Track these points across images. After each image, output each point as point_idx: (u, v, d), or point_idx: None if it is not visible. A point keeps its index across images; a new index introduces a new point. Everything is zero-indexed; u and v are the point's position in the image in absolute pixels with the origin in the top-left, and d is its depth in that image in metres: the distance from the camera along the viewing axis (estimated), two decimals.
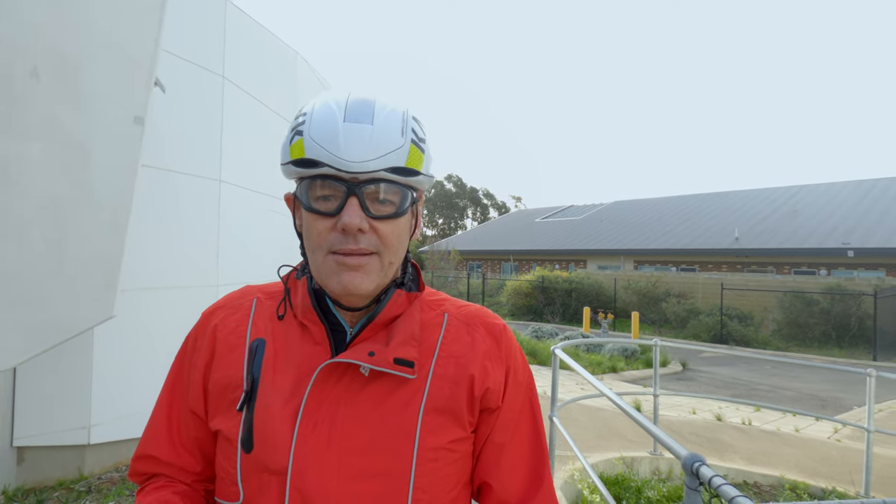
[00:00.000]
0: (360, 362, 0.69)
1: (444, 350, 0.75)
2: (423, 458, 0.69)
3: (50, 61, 2.30)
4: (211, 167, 4.29)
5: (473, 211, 54.52)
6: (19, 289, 2.24)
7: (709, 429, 5.58)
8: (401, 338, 0.72)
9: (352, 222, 0.66)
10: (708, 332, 15.05)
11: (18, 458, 3.24)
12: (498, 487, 0.76)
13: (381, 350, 0.70)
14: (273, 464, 0.67)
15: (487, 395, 0.74)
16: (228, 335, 0.77)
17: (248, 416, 0.70)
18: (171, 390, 0.81)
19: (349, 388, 0.70)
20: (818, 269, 18.55)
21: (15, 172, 2.24)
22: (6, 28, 2.20)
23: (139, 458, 0.80)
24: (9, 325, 2.22)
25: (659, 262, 22.15)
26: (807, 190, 25.05)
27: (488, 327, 0.79)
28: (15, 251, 2.23)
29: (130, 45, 2.51)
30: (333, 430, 0.68)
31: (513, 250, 27.36)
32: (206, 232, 4.23)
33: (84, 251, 2.41)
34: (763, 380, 9.85)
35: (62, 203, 2.36)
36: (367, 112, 0.68)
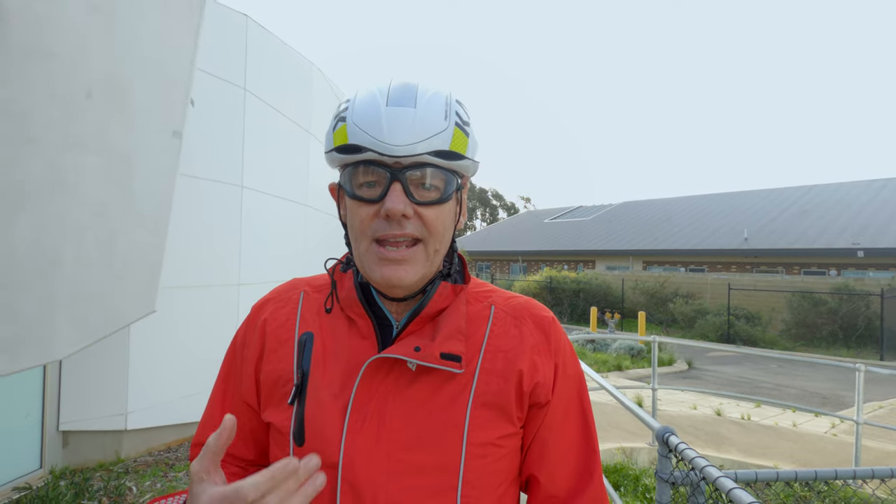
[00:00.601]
0: (407, 358, 0.68)
1: (492, 344, 0.74)
2: (472, 454, 0.69)
3: (102, 83, 2.59)
4: (234, 174, 4.59)
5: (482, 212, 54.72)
6: (76, 287, 2.53)
7: (708, 423, 5.78)
8: (447, 332, 0.72)
9: (395, 208, 0.66)
10: (715, 331, 15.14)
11: (64, 441, 3.54)
12: (546, 481, 0.75)
13: (427, 345, 0.70)
14: (324, 457, 0.68)
15: (536, 391, 0.73)
16: (278, 329, 0.78)
17: (299, 409, 0.71)
18: (223, 382, 0.83)
19: (397, 382, 0.70)
20: (828, 269, 18.54)
21: (72, 182, 2.53)
22: (66, 56, 2.49)
23: (196, 446, 0.83)
24: (67, 320, 2.51)
25: (668, 263, 22.21)
26: (817, 190, 24.96)
27: (536, 320, 0.78)
28: (73, 253, 2.52)
29: (170, 67, 2.80)
30: (382, 425, 0.69)
31: (521, 251, 27.53)
32: (229, 234, 4.53)
33: (130, 252, 2.70)
34: (768, 378, 9.98)
35: (111, 209, 2.65)
36: (410, 96, 0.68)
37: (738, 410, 6.53)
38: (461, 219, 0.77)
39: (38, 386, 3.42)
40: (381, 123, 0.65)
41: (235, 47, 4.62)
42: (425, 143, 0.66)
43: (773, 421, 6.12)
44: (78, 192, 2.53)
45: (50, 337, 2.44)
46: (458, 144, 0.69)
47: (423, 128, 0.66)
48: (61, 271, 2.49)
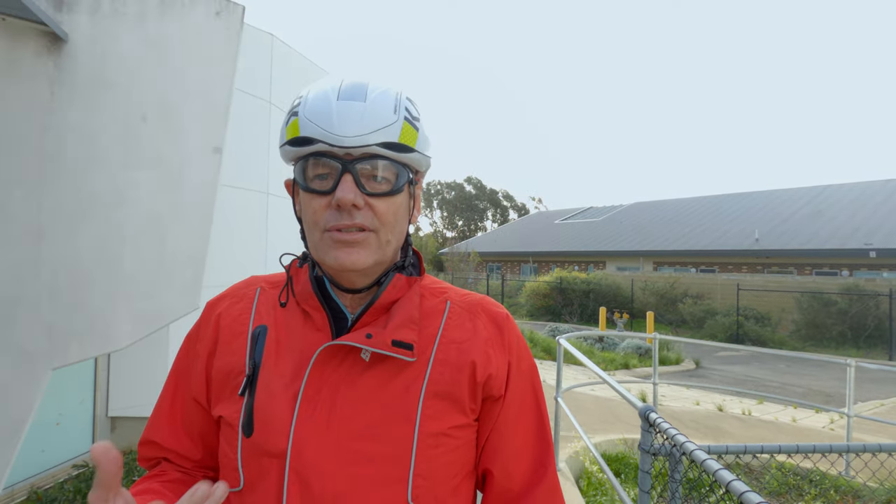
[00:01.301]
0: (358, 344, 0.69)
1: (446, 336, 0.75)
2: (424, 444, 0.69)
3: (155, 108, 2.95)
4: (260, 182, 4.94)
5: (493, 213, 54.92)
6: (134, 285, 2.88)
7: (709, 418, 6.02)
8: (399, 320, 0.73)
9: (345, 197, 0.67)
10: (724, 332, 15.26)
11: (112, 426, 3.91)
12: (500, 475, 0.76)
13: (379, 332, 0.70)
14: (272, 446, 0.68)
15: (490, 383, 0.74)
16: (231, 323, 0.78)
17: (248, 400, 0.70)
18: (175, 378, 0.83)
19: (350, 371, 0.71)
20: (840, 270, 18.54)
21: (130, 195, 2.89)
22: (125, 84, 2.85)
23: (143, 444, 0.82)
24: (126, 314, 2.86)
25: (678, 264, 22.30)
26: (831, 190, 24.86)
27: (491, 315, 0.79)
28: (130, 257, 2.88)
29: (212, 90, 3.14)
30: (333, 414, 0.69)
31: (532, 252, 27.73)
32: (256, 237, 4.88)
33: (178, 254, 3.05)
34: (775, 377, 10.14)
35: (162, 218, 3.01)
36: (361, 91, 0.70)
37: (741, 406, 6.75)
38: (415, 212, 0.78)
39: (91, 376, 3.80)
40: (331, 116, 0.67)
41: (262, 64, 4.97)
42: (374, 134, 0.68)
43: (773, 416, 6.33)
44: (134, 204, 2.89)
45: (112, 329, 2.80)
46: (407, 137, 0.70)
47: (371, 120, 0.68)
48: (121, 272, 2.85)
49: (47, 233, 2.66)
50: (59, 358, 2.66)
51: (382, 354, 0.70)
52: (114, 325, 2.80)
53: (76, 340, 2.70)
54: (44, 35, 2.61)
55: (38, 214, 2.64)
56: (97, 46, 2.75)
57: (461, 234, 51.89)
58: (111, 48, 2.78)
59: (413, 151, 0.72)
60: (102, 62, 2.76)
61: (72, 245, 2.71)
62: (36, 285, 2.62)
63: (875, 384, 9.21)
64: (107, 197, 2.79)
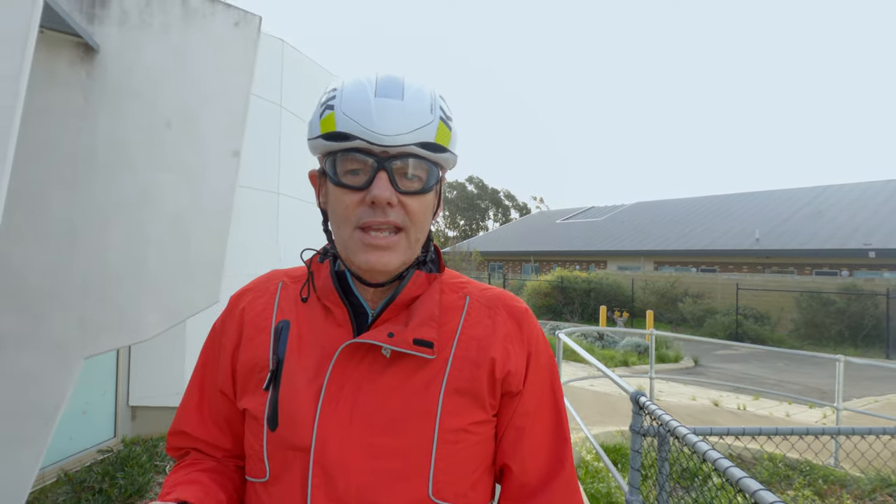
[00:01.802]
0: (380, 343, 0.70)
1: (466, 332, 0.76)
2: (444, 440, 0.70)
3: (177, 114, 3.13)
4: (271, 182, 5.13)
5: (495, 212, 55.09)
6: (158, 280, 3.07)
7: (705, 412, 6.19)
8: (420, 318, 0.73)
9: (381, 195, 0.67)
10: (724, 331, 15.42)
11: (132, 415, 4.11)
12: (518, 470, 0.77)
13: (400, 331, 0.71)
14: (297, 440, 0.70)
15: (509, 379, 0.75)
16: (255, 318, 0.79)
17: (273, 394, 0.72)
18: (201, 370, 0.85)
19: (371, 368, 0.72)
20: (840, 270, 18.68)
21: (154, 197, 3.08)
22: (150, 93, 3.04)
23: (173, 434, 0.85)
24: (151, 307, 3.05)
25: (679, 263, 22.45)
26: (831, 190, 24.97)
27: (510, 310, 0.80)
28: (155, 253, 3.07)
29: (231, 97, 3.33)
30: (355, 409, 0.70)
31: (533, 251, 27.90)
32: (268, 234, 5.07)
33: (200, 252, 3.24)
34: (772, 375, 10.30)
35: (184, 218, 3.19)
36: (398, 88, 0.69)
37: (737, 402, 6.93)
38: (438, 210, 0.79)
39: (112, 367, 3.99)
40: (370, 113, 0.67)
41: (272, 68, 5.16)
42: (412, 133, 0.68)
43: (768, 412, 6.50)
44: (159, 204, 3.08)
45: (138, 321, 2.99)
46: (442, 137, 0.71)
47: (410, 119, 0.68)
48: (146, 268, 3.04)
49: (80, 231, 2.85)
50: (90, 347, 2.85)
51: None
52: (140, 317, 3.00)
53: (106, 331, 2.89)
54: (77, 46, 2.80)
55: (71, 214, 2.83)
56: (125, 56, 2.94)
57: (463, 233, 52.08)
58: (137, 58, 2.97)
59: (447, 151, 0.73)
60: (129, 71, 2.95)
61: (102, 243, 2.90)
62: (69, 280, 2.81)
63: (872, 382, 9.37)
64: (133, 198, 2.98)
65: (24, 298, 2.66)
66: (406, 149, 0.69)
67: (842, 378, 4.77)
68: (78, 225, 2.85)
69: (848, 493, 4.12)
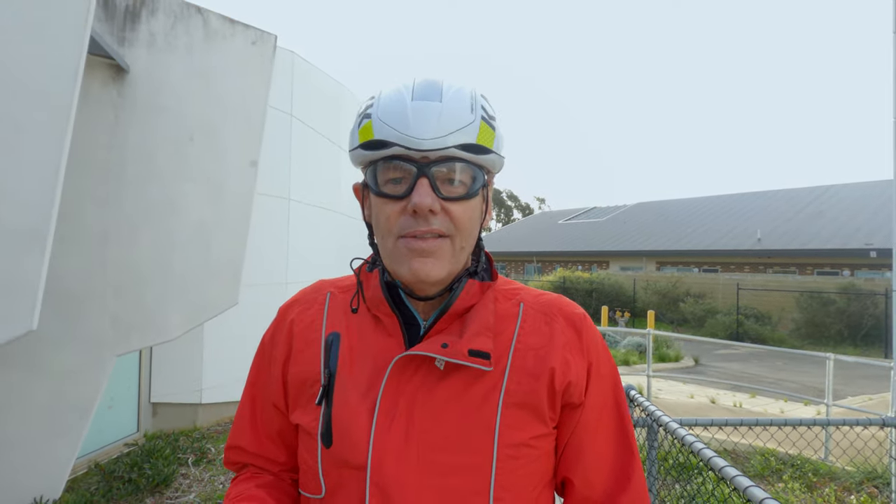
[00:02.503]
0: (434, 354, 0.67)
1: (522, 342, 0.73)
2: (504, 455, 0.67)
3: (200, 128, 3.35)
4: (282, 188, 5.35)
5: (497, 213, 55.28)
6: (184, 283, 3.29)
7: (701, 409, 6.38)
8: (475, 329, 0.70)
9: (422, 202, 0.65)
10: (724, 330, 15.57)
11: (154, 411, 4.33)
12: (581, 484, 0.74)
13: (454, 342, 0.69)
14: (352, 459, 0.68)
15: (569, 390, 0.72)
16: (304, 330, 0.77)
17: (326, 410, 0.70)
18: (253, 385, 0.83)
19: (425, 381, 0.69)
20: (841, 270, 18.79)
21: (179, 205, 3.30)
22: (175, 108, 3.25)
23: (229, 449, 0.84)
24: (177, 309, 3.27)
25: (681, 264, 22.58)
26: (834, 190, 25.03)
27: (568, 317, 0.76)
28: (181, 258, 3.29)
29: (249, 111, 3.54)
30: (411, 425, 0.68)
31: (536, 252, 28.05)
32: (279, 239, 5.29)
33: (221, 256, 3.46)
34: (770, 374, 10.47)
35: (207, 225, 3.41)
36: (436, 91, 0.67)
37: (733, 400, 7.11)
38: (487, 216, 0.76)
39: (136, 366, 4.22)
40: (406, 118, 0.65)
41: (283, 80, 5.37)
42: (452, 136, 0.65)
43: (762, 409, 6.68)
44: (183, 213, 3.30)
45: (165, 322, 3.21)
46: (484, 138, 0.68)
47: (449, 121, 0.65)
48: (172, 272, 3.26)
49: (111, 238, 3.07)
50: (121, 346, 3.08)
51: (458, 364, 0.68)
52: (167, 318, 3.22)
53: (136, 331, 3.12)
54: (109, 67, 3.02)
55: (104, 222, 3.06)
56: (153, 76, 3.17)
57: None
58: (164, 77, 3.19)
59: (490, 153, 0.70)
60: (157, 89, 3.18)
61: (132, 249, 3.13)
62: (103, 283, 3.03)
63: (869, 381, 9.53)
64: (161, 207, 3.20)
65: (63, 301, 2.89)
66: (447, 152, 0.66)
67: (832, 376, 4.95)
68: (110, 232, 3.08)
69: (837, 485, 4.31)
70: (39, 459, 2.89)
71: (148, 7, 3.12)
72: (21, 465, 2.86)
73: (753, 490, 1.43)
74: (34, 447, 2.87)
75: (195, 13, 3.28)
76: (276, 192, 5.26)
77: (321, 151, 6.05)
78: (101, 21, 2.99)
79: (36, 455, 2.87)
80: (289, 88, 5.40)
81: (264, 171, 5.13)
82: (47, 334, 2.80)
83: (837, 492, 4.17)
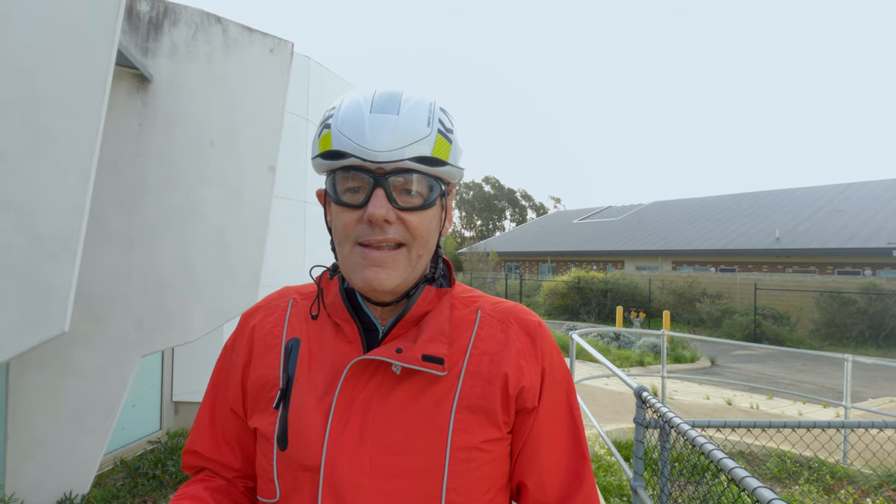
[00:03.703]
0: (389, 359, 0.69)
1: (477, 347, 0.74)
2: (456, 458, 0.69)
3: (220, 134, 3.44)
4: (298, 191, 5.44)
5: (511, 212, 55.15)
6: (204, 286, 3.38)
7: (717, 410, 6.34)
8: (429, 334, 0.72)
9: (377, 213, 0.66)
10: (742, 331, 15.38)
11: (175, 409, 4.45)
12: (534, 488, 0.75)
13: (409, 347, 0.70)
14: (306, 460, 0.69)
15: (523, 395, 0.73)
16: (265, 335, 0.79)
17: (283, 414, 0.71)
18: (213, 389, 0.84)
19: (381, 385, 0.71)
20: (863, 269, 18.44)
21: (200, 209, 3.39)
22: (195, 115, 3.35)
23: (186, 453, 0.85)
24: (198, 310, 3.36)
25: (697, 263, 22.34)
26: (855, 188, 24.55)
27: (523, 324, 0.78)
28: (201, 260, 3.38)
29: (267, 117, 3.63)
30: (365, 428, 0.69)
31: (550, 251, 27.96)
32: (296, 241, 5.39)
33: (240, 258, 3.55)
34: (788, 375, 10.34)
35: (227, 228, 3.50)
36: (394, 103, 0.69)
37: (750, 401, 7.05)
38: (447, 224, 0.78)
39: (158, 365, 4.34)
40: (363, 130, 0.66)
41: (299, 84, 5.47)
42: (407, 148, 0.67)
43: (780, 410, 6.62)
44: (204, 217, 3.39)
45: (187, 323, 3.31)
46: (440, 151, 0.70)
47: (404, 134, 0.67)
48: (193, 275, 3.36)
49: (136, 243, 3.18)
50: (146, 347, 3.18)
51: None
52: (188, 319, 3.32)
53: (159, 332, 3.22)
54: (134, 77, 3.13)
55: (128, 227, 3.16)
56: (175, 84, 3.26)
57: (480, 233, 52.24)
58: (185, 85, 3.29)
59: (446, 164, 0.71)
60: (178, 97, 3.27)
61: (155, 252, 3.23)
62: (127, 286, 3.14)
63: (892, 383, 9.38)
64: (182, 212, 3.30)
65: (91, 303, 2.99)
66: (402, 164, 0.67)
67: (850, 377, 4.90)
68: (134, 237, 3.18)
69: (855, 488, 4.27)
70: (69, 456, 3.00)
71: (170, 18, 3.22)
72: (51, 461, 2.98)
73: (762, 491, 1.45)
74: (64, 444, 2.98)
75: (215, 22, 3.37)
76: (293, 196, 5.35)
77: None
78: (125, 33, 3.09)
79: (65, 451, 2.98)
80: (304, 93, 5.49)
81: (281, 173, 5.23)
82: (76, 336, 2.91)
83: (855, 495, 4.13)
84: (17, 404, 2.92)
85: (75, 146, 2.19)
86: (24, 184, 2.15)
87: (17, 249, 2.11)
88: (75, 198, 2.17)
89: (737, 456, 5.07)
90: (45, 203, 2.16)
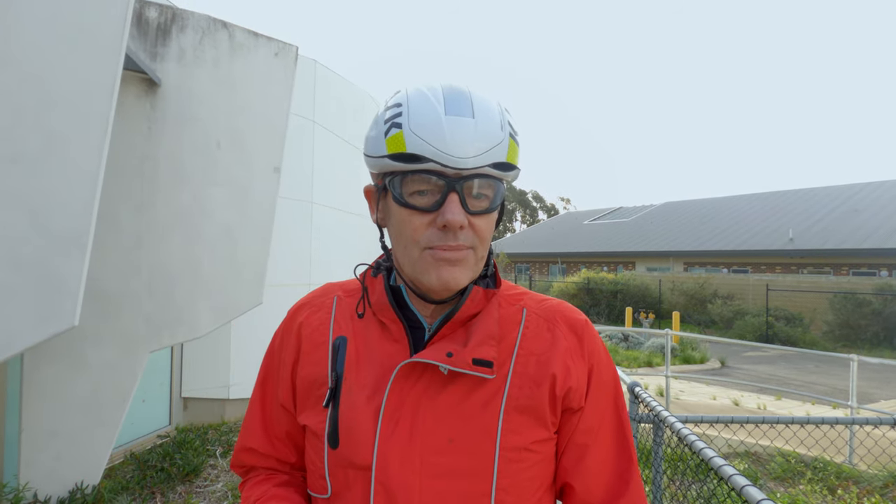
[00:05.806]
0: (439, 363, 0.69)
1: (524, 347, 0.74)
2: (505, 459, 0.69)
3: (227, 135, 3.54)
4: (305, 192, 5.53)
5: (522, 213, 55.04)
6: (211, 283, 3.48)
7: (723, 411, 6.31)
8: (479, 337, 0.72)
9: (455, 219, 0.66)
10: (753, 332, 15.22)
11: (184, 405, 4.56)
12: (580, 489, 0.75)
13: (459, 350, 0.70)
14: (358, 459, 0.69)
15: (570, 395, 0.73)
16: (312, 333, 0.79)
17: (333, 412, 0.72)
18: (262, 385, 0.85)
19: (429, 386, 0.71)
20: (879, 270, 18.15)
21: (208, 208, 3.49)
22: (203, 117, 3.45)
23: (241, 451, 0.85)
24: (206, 307, 3.45)
25: (710, 264, 22.13)
26: (870, 188, 24.17)
27: (570, 323, 0.78)
28: (209, 259, 3.47)
29: (273, 119, 3.72)
30: (415, 428, 0.69)
31: (561, 252, 27.88)
32: (302, 241, 5.48)
33: (246, 257, 3.64)
34: (800, 376, 10.22)
35: (233, 227, 3.59)
36: (467, 104, 0.67)
37: (757, 402, 7.00)
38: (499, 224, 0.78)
39: (167, 362, 4.45)
40: (443, 134, 0.65)
41: (306, 87, 5.56)
42: (486, 155, 0.66)
43: (788, 411, 6.57)
44: (211, 216, 3.49)
45: (195, 320, 3.40)
46: (512, 155, 0.70)
47: (483, 140, 0.66)
48: (201, 273, 3.45)
49: (145, 241, 3.27)
50: (154, 343, 3.28)
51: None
52: (196, 316, 3.41)
53: (167, 329, 3.31)
54: (142, 81, 3.23)
55: (138, 226, 3.26)
56: (183, 88, 3.36)
57: None
58: (193, 88, 3.39)
59: (515, 168, 0.71)
60: (186, 100, 3.37)
61: (164, 251, 3.32)
62: (137, 283, 3.24)
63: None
64: (190, 211, 3.40)
65: (101, 300, 3.10)
66: (480, 170, 0.67)
67: (855, 377, 4.87)
68: (143, 236, 3.28)
69: (860, 488, 4.24)
70: (80, 447, 3.10)
71: (178, 24, 3.32)
72: (63, 452, 3.08)
73: (750, 490, 1.47)
74: (76, 436, 3.09)
75: (221, 28, 3.47)
76: (300, 196, 5.44)
77: (342, 156, 6.23)
78: (134, 38, 3.20)
79: (77, 443, 3.09)
80: (311, 95, 5.58)
81: (288, 175, 5.32)
82: (87, 331, 3.01)
83: (860, 495, 4.11)
84: (31, 397, 3.03)
85: (85, 148, 2.28)
86: (38, 183, 2.24)
87: (30, 246, 2.21)
88: (86, 196, 2.26)
89: (741, 455, 5.05)
90: (56, 202, 2.25)
